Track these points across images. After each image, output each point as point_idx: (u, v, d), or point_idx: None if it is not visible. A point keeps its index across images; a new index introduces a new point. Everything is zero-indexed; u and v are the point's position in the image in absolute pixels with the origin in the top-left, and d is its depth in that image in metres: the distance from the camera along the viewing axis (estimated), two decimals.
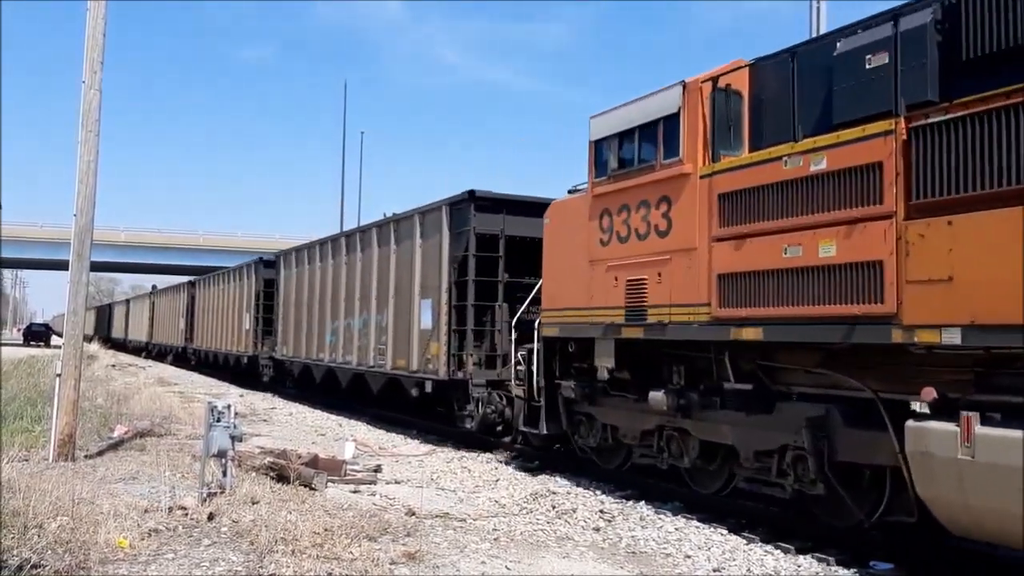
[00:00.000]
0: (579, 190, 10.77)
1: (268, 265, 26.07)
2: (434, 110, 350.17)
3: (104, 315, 72.63)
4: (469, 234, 13.62)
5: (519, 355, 11.76)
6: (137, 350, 53.64)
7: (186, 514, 7.73)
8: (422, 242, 15.03)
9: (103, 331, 68.37)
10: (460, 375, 13.62)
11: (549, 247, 10.96)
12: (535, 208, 12.81)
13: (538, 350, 11.08)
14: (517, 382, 11.73)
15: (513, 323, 11.98)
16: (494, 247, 13.70)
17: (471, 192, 13.72)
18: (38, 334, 73.91)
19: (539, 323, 11.04)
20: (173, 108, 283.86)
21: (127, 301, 63.70)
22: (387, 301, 16.31)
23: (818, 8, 17.10)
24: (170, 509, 7.83)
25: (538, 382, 11.09)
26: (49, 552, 6.18)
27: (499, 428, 13.37)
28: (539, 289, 11.47)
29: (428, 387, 14.50)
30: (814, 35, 17.04)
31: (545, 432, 11.06)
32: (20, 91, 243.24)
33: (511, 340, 12.04)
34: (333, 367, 19.13)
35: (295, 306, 22.18)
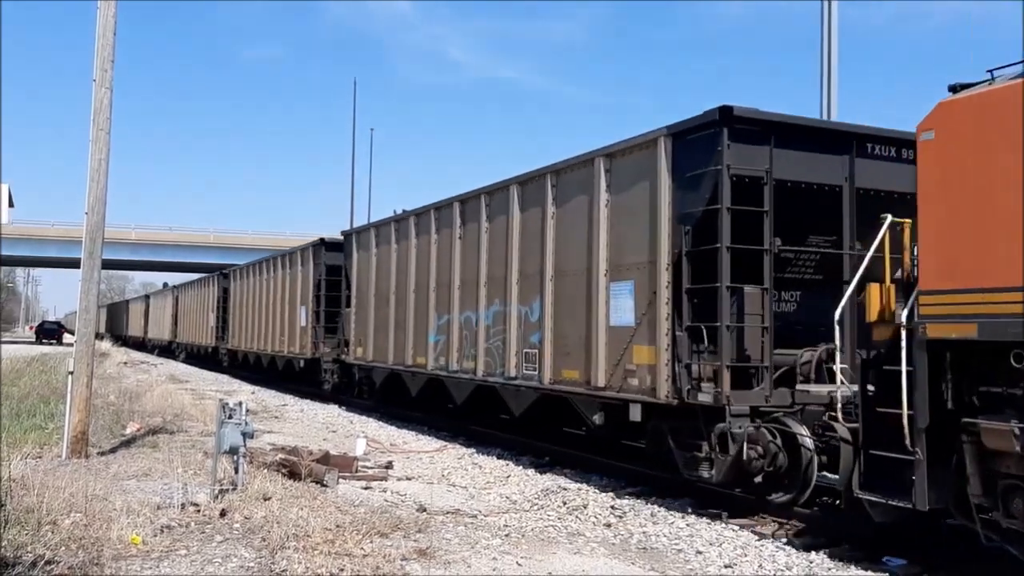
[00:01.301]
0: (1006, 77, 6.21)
1: (333, 248, 21.49)
2: (443, 108, 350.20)
3: (119, 312, 71.75)
4: (719, 177, 8.65)
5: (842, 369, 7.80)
6: (161, 351, 50.29)
7: (198, 511, 7.76)
8: (611, 197, 10.21)
9: (119, 329, 68.37)
10: (702, 398, 8.74)
11: (943, 181, 6.35)
12: (825, 138, 9.40)
13: (915, 365, 6.41)
14: (845, 417, 7.51)
15: (838, 316, 7.62)
16: (754, 197, 8.81)
17: (725, 110, 8.70)
18: (50, 332, 74.25)
19: (915, 316, 6.50)
20: (183, 107, 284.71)
21: (146, 297, 59.53)
22: (540, 286, 11.57)
23: (830, 7, 17.01)
24: (182, 506, 7.86)
25: (916, 419, 6.36)
26: (63, 548, 6.21)
27: (759, 480, 8.48)
28: (864, 265, 7.45)
29: (635, 414, 9.63)
30: (827, 33, 16.96)
31: (925, 505, 6.37)
32: (31, 89, 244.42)
33: (837, 344, 7.71)
34: (442, 377, 14.41)
35: (375, 297, 17.45)
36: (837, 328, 7.62)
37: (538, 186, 11.85)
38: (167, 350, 46.86)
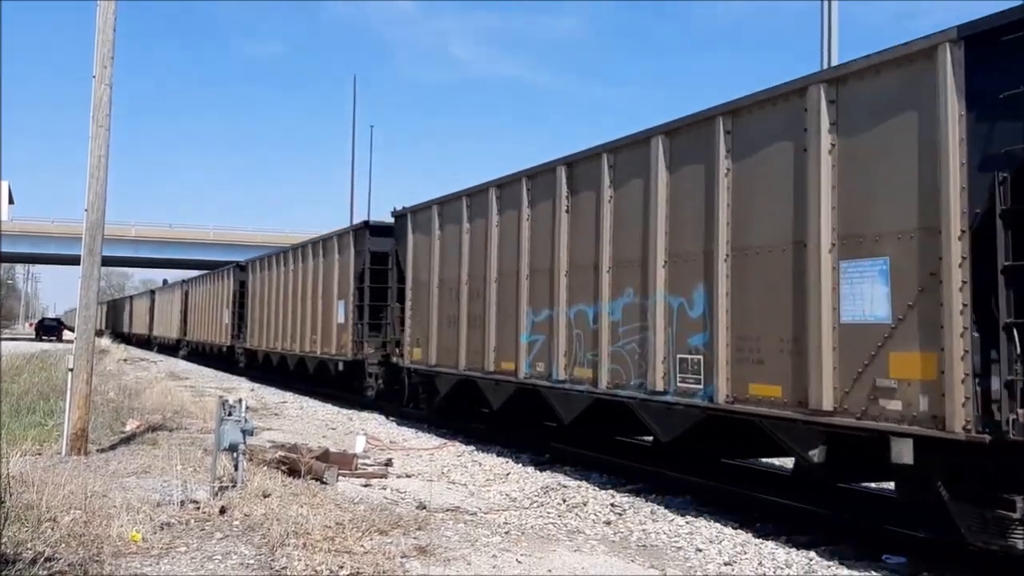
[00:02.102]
0: None
1: (379, 232, 18.78)
2: (445, 104, 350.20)
3: (121, 309, 70.17)
4: None
5: None
6: (166, 349, 47.71)
7: (198, 508, 7.76)
8: (837, 139, 7.35)
9: (121, 326, 67.89)
10: None
11: None
12: None
13: None
14: None
15: None
16: None
17: None
18: (50, 329, 74.35)
19: None
20: (183, 103, 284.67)
21: (151, 292, 56.38)
22: (706, 268, 8.60)
23: (829, 5, 16.92)
24: (182, 503, 7.86)
25: None
26: (63, 545, 6.21)
27: None
28: None
29: (902, 453, 6.60)
30: (828, 28, 16.90)
31: None
32: (31, 86, 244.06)
33: None
34: (541, 388, 11.34)
35: (440, 289, 14.58)
36: None
37: (698, 136, 8.78)
38: (175, 349, 44.11)
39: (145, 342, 54.33)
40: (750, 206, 8.18)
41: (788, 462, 10.34)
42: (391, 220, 17.30)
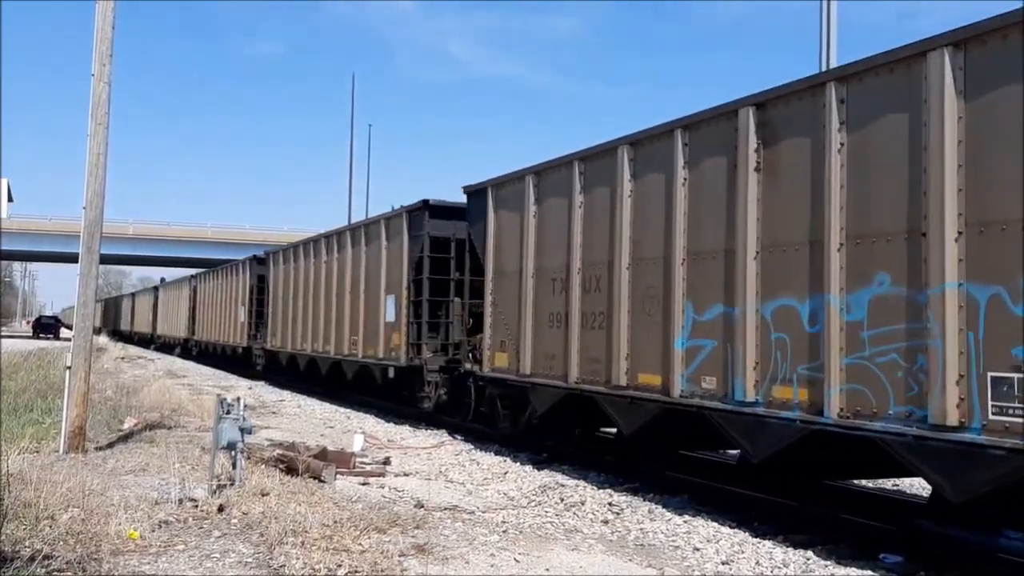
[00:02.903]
0: None
1: (442, 214, 15.72)
2: (444, 104, 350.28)
3: (121, 307, 67.76)
4: None
5: None
6: (169, 347, 45.01)
7: (196, 506, 7.76)
8: None
9: (123, 324, 67.45)
10: None
11: None
12: None
13: None
14: None
15: None
16: None
17: None
18: (48, 327, 74.31)
19: None
20: (182, 102, 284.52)
21: (155, 288, 52.82)
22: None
23: (829, 6, 16.91)
24: (180, 501, 7.86)
25: None
26: (61, 543, 6.21)
27: None
28: None
29: None
30: (827, 29, 16.88)
31: None
32: (30, 84, 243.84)
33: None
34: (710, 411, 8.50)
35: (536, 279, 11.56)
36: None
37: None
38: (184, 349, 41.06)
39: (148, 342, 52.18)
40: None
41: None
42: (455, 200, 14.94)
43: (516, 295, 12.05)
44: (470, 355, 13.91)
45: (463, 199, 14.24)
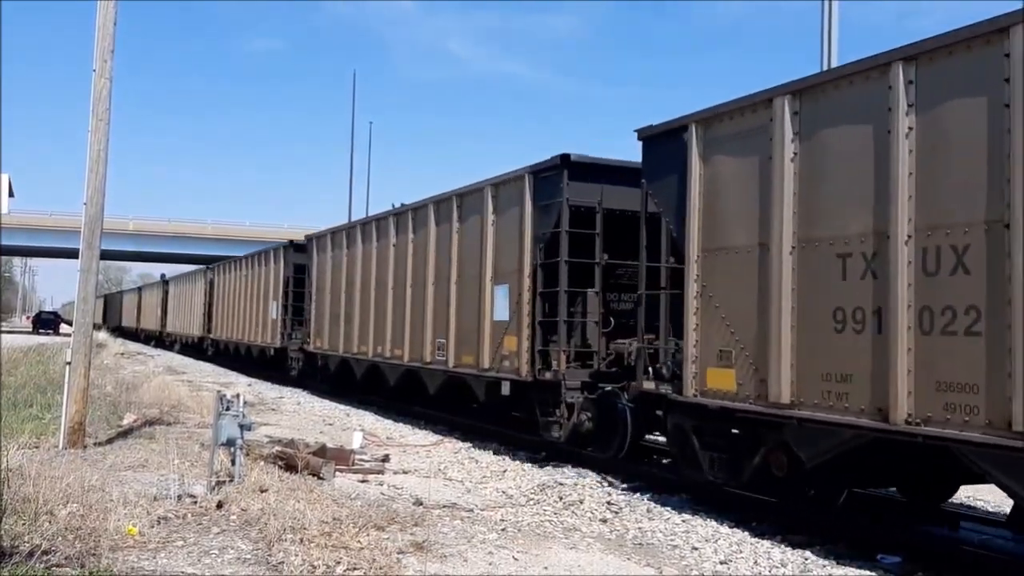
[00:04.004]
0: None
1: (582, 174, 11.69)
2: (444, 103, 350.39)
3: (129, 303, 64.92)
4: None
5: None
6: (185, 347, 40.75)
7: (195, 502, 7.77)
8: None
9: (128, 321, 67.12)
10: None
11: None
12: None
13: None
14: None
15: None
16: None
17: None
18: (47, 322, 74.32)
19: None
20: (183, 99, 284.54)
21: (164, 283, 48.12)
22: None
23: (830, 6, 16.86)
24: (179, 497, 7.87)
25: None
26: (60, 539, 6.21)
27: None
28: None
29: None
30: (827, 30, 16.84)
31: None
32: (31, 79, 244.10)
33: None
34: None
35: (799, 256, 7.72)
36: None
37: None
38: (197, 348, 37.10)
39: (157, 339, 48.70)
40: None
41: None
42: (599, 156, 11.68)
43: (754, 281, 8.16)
44: (650, 370, 9.66)
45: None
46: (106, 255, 57.45)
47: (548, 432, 11.61)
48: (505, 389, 12.47)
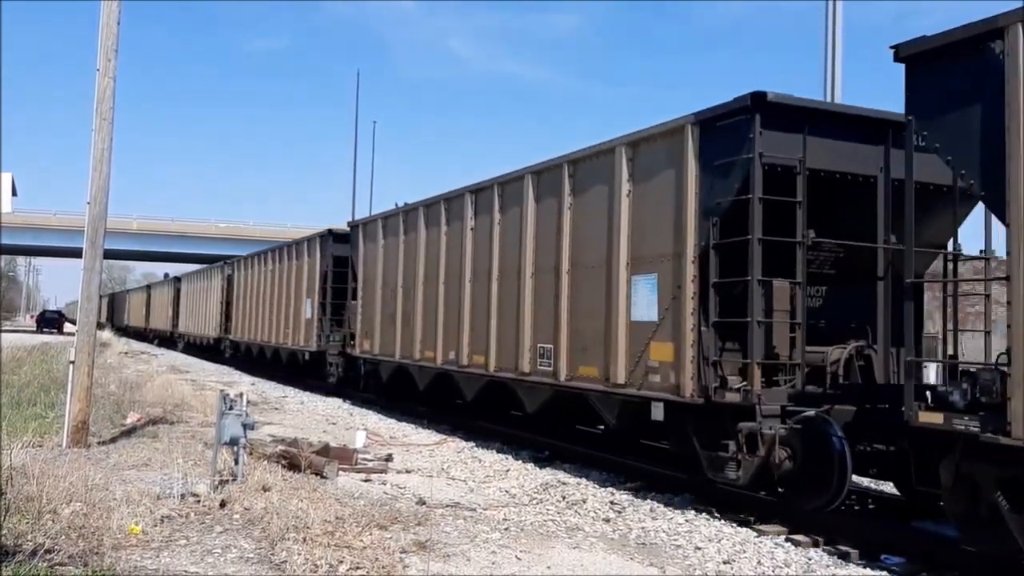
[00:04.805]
0: None
1: (782, 121, 8.57)
2: (445, 102, 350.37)
3: (135, 301, 63.10)
4: None
5: None
6: (199, 349, 37.92)
7: (198, 501, 7.77)
8: None
9: (123, 320, 67.03)
10: None
11: None
12: None
13: None
14: None
15: None
16: None
17: None
18: (51, 321, 74.45)
19: None
20: (185, 98, 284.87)
21: (176, 280, 45.15)
22: None
23: (834, 7, 16.78)
24: (182, 496, 7.87)
25: None
26: (63, 537, 6.22)
27: None
28: None
29: None
30: (831, 32, 16.75)
31: None
32: (34, 78, 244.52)
33: None
34: None
35: None
36: None
37: None
38: (214, 350, 34.35)
39: (168, 340, 46.57)
40: None
41: None
42: (803, 97, 8.88)
43: None
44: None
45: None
46: (110, 254, 57.53)
47: (718, 471, 8.64)
48: (656, 412, 9.48)
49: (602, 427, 12.19)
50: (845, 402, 8.22)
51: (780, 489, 8.63)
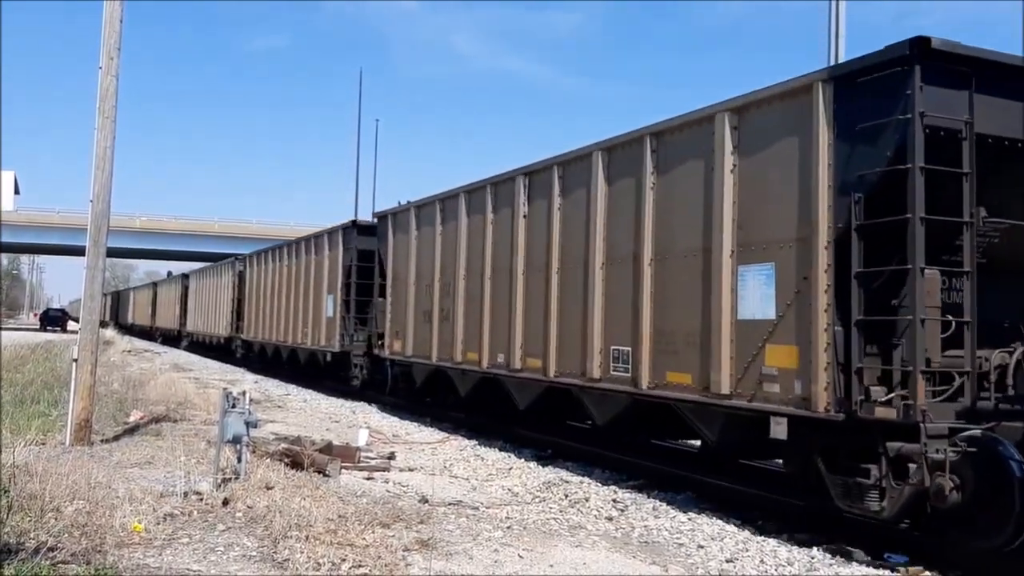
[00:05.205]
0: None
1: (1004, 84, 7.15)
2: (447, 99, 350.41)
3: (141, 299, 61.66)
4: None
5: None
6: (208, 349, 36.40)
7: (201, 499, 7.78)
8: None
9: (125, 318, 66.93)
10: None
11: None
12: None
13: None
14: None
15: None
16: None
17: None
18: (55, 319, 74.52)
19: None
20: (188, 97, 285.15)
21: (183, 276, 43.59)
22: None
23: (837, 6, 16.70)
24: (185, 494, 7.88)
25: None
26: (66, 535, 6.22)
27: None
28: None
29: None
30: (834, 31, 16.66)
31: None
32: (37, 77, 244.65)
33: None
34: None
35: None
36: None
37: None
38: (224, 350, 33.03)
39: (175, 339, 45.28)
40: None
41: None
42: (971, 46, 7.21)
43: None
44: None
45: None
46: (113, 252, 57.46)
47: (855, 501, 7.16)
48: (778, 430, 7.86)
49: (698, 443, 10.86)
50: (1016, 418, 6.73)
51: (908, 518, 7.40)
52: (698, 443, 10.93)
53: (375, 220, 18.53)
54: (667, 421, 9.78)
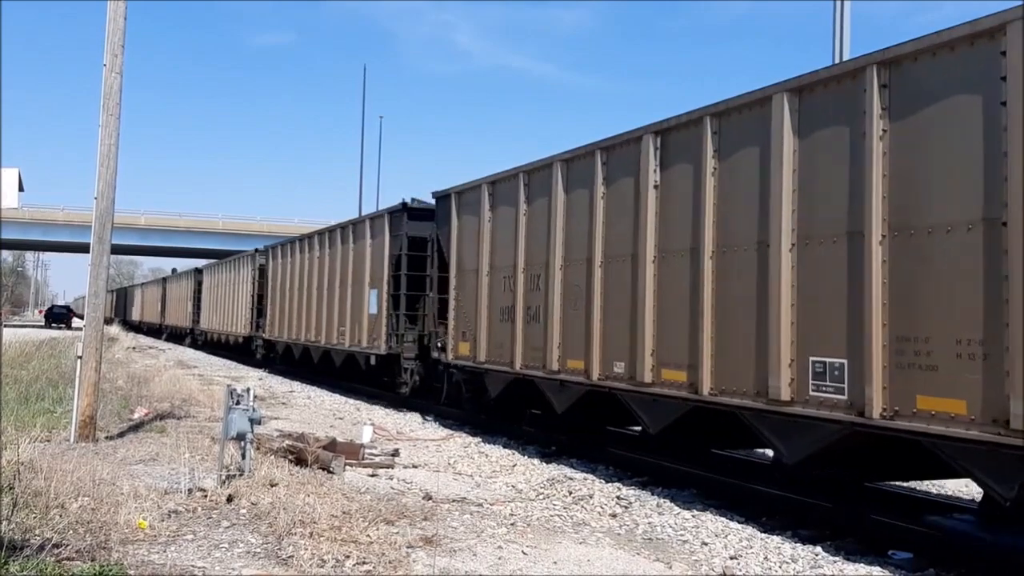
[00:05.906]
0: None
1: None
2: (451, 96, 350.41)
3: (150, 296, 59.65)
4: None
5: None
6: (225, 349, 34.11)
7: (205, 496, 7.79)
8: None
9: (130, 315, 66.97)
10: None
11: None
12: None
13: None
14: None
15: None
16: None
17: None
18: (60, 316, 74.69)
19: None
20: (193, 94, 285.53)
21: (196, 271, 41.59)
22: None
23: (842, 5, 16.63)
24: (189, 491, 7.89)
25: None
26: (70, 532, 6.23)
27: None
28: None
29: None
30: (839, 30, 16.58)
31: None
32: (41, 75, 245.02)
33: None
34: None
35: None
36: None
37: None
38: (243, 350, 30.54)
39: (182, 337, 43.97)
40: None
41: None
42: None
43: None
44: None
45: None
46: (117, 249, 57.61)
47: None
48: None
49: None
50: None
51: None
52: None
53: (433, 201, 15.62)
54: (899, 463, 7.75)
